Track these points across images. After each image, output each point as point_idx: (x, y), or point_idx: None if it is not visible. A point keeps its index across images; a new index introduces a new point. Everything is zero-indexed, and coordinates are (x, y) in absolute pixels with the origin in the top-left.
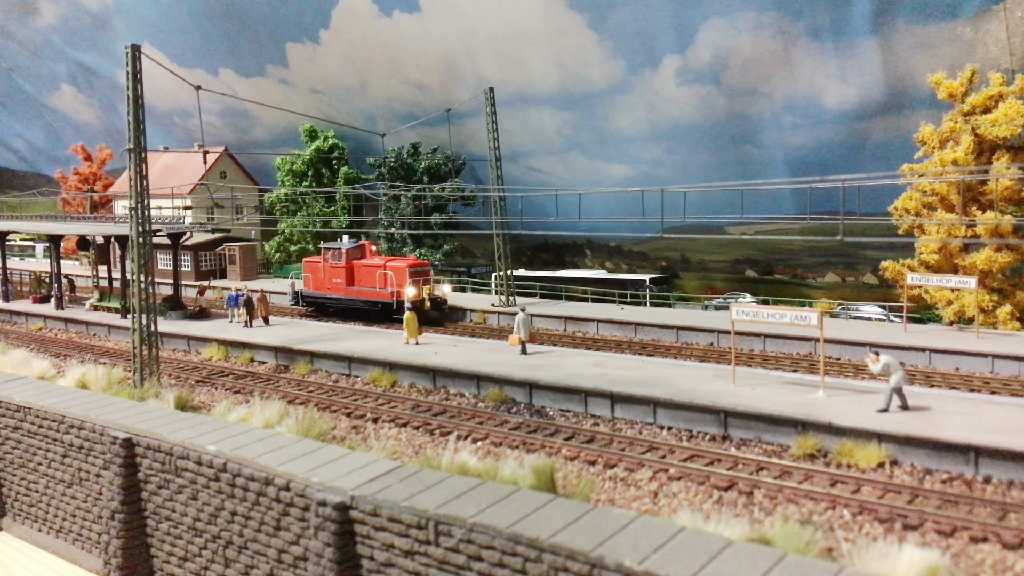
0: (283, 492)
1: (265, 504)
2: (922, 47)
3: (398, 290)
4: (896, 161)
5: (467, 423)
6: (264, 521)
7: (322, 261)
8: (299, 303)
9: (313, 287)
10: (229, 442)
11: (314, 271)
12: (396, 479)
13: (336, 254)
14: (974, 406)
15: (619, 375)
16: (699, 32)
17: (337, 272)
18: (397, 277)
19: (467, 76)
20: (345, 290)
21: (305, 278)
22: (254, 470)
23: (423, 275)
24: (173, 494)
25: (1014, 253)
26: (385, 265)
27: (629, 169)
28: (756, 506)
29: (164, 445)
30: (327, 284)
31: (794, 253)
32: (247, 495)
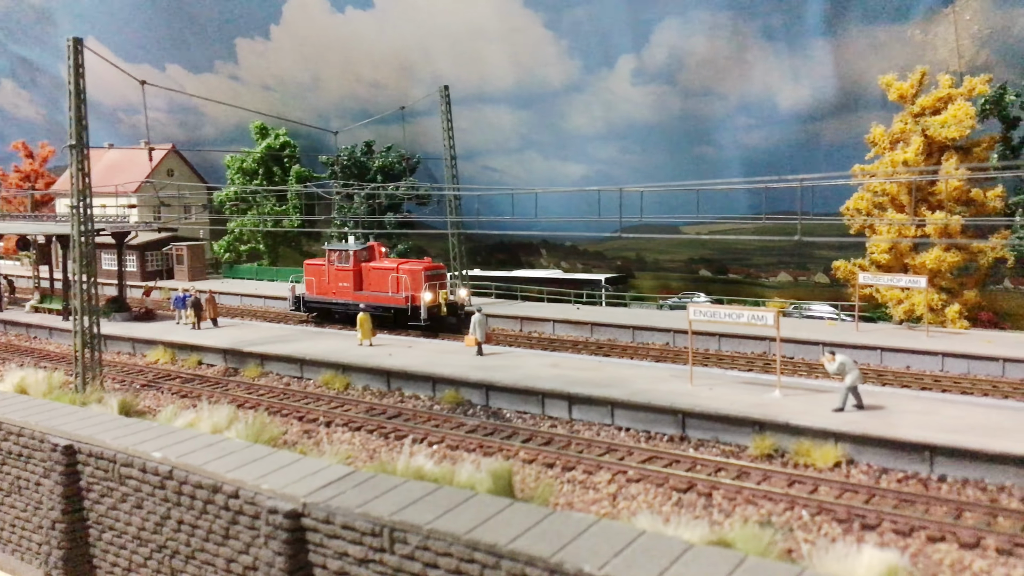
0: (232, 500)
1: (213, 512)
2: (873, 49)
3: (413, 295)
4: (848, 161)
5: (422, 426)
6: (212, 530)
7: (326, 263)
8: (300, 308)
9: (316, 291)
10: (175, 448)
11: (317, 274)
12: (350, 485)
13: (343, 256)
14: (928, 404)
15: (576, 376)
16: (654, 32)
17: (344, 275)
18: (412, 281)
19: (422, 74)
20: (353, 294)
21: (307, 282)
22: (201, 477)
23: (439, 278)
24: (117, 503)
25: (962, 253)
26: (398, 268)
27: (585, 168)
28: (715, 508)
29: (107, 452)
30: (332, 288)
31: (748, 253)
32: (194, 503)
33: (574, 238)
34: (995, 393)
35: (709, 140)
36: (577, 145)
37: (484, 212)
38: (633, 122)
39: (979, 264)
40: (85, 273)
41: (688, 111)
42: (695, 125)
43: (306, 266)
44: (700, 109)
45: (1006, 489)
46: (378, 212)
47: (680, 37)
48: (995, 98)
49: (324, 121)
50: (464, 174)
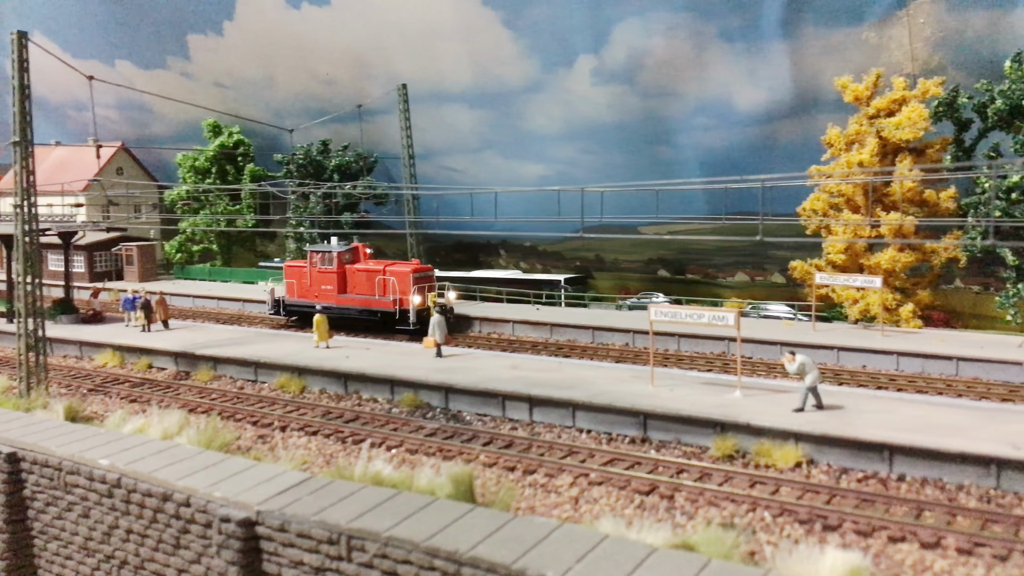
0: (183, 508)
1: (163, 521)
2: (829, 51)
3: (401, 297)
4: (804, 162)
5: (381, 430)
6: (162, 539)
7: (308, 266)
8: (279, 312)
9: (298, 295)
10: (124, 455)
11: (298, 277)
12: (306, 491)
13: (326, 258)
14: (885, 404)
15: (537, 377)
16: (613, 32)
17: (327, 278)
18: (400, 283)
19: (379, 72)
20: (337, 298)
21: (287, 284)
22: (151, 485)
23: (428, 281)
24: (63, 512)
25: (916, 253)
26: (385, 270)
27: (544, 168)
28: (678, 510)
29: (52, 460)
30: (315, 291)
31: (706, 253)
32: (143, 512)
33: (533, 238)
34: (949, 392)
35: (668, 140)
36: (536, 145)
37: (442, 212)
38: (592, 122)
39: (932, 264)
40: (29, 274)
41: (647, 111)
42: (654, 125)
43: (286, 268)
44: (659, 109)
45: (964, 488)
46: (334, 212)
47: (639, 37)
48: (948, 100)
49: (279, 119)
50: (422, 174)
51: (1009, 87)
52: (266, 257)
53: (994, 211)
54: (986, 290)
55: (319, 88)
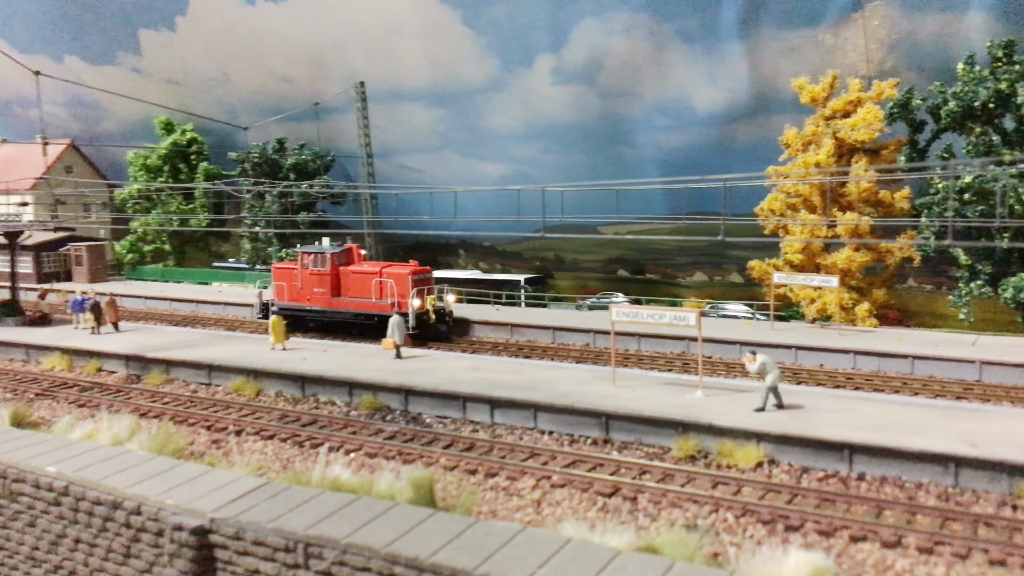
0: (133, 516)
1: (113, 530)
2: (786, 52)
3: (400, 301)
4: (762, 163)
5: (339, 433)
6: (112, 549)
7: (299, 267)
8: (267, 316)
9: (288, 298)
10: (72, 462)
11: (288, 279)
12: (261, 498)
13: (319, 259)
14: (844, 403)
15: (498, 379)
16: (573, 32)
17: (319, 280)
18: (398, 286)
19: (336, 70)
20: (330, 301)
21: (276, 287)
22: (100, 493)
23: (426, 283)
24: (8, 521)
25: (871, 252)
26: (381, 272)
27: (504, 168)
28: (641, 512)
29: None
30: (307, 294)
31: (665, 253)
32: (92, 520)
33: (492, 238)
34: (906, 390)
35: (627, 140)
36: (496, 144)
37: (401, 211)
38: (552, 122)
39: (887, 264)
40: None
41: (607, 111)
42: (613, 125)
43: (275, 270)
44: (618, 109)
45: (923, 486)
46: (291, 211)
47: (599, 37)
48: (902, 102)
49: (233, 117)
50: (380, 173)
51: (962, 89)
52: (220, 257)
53: (947, 211)
54: (938, 289)
55: (275, 85)
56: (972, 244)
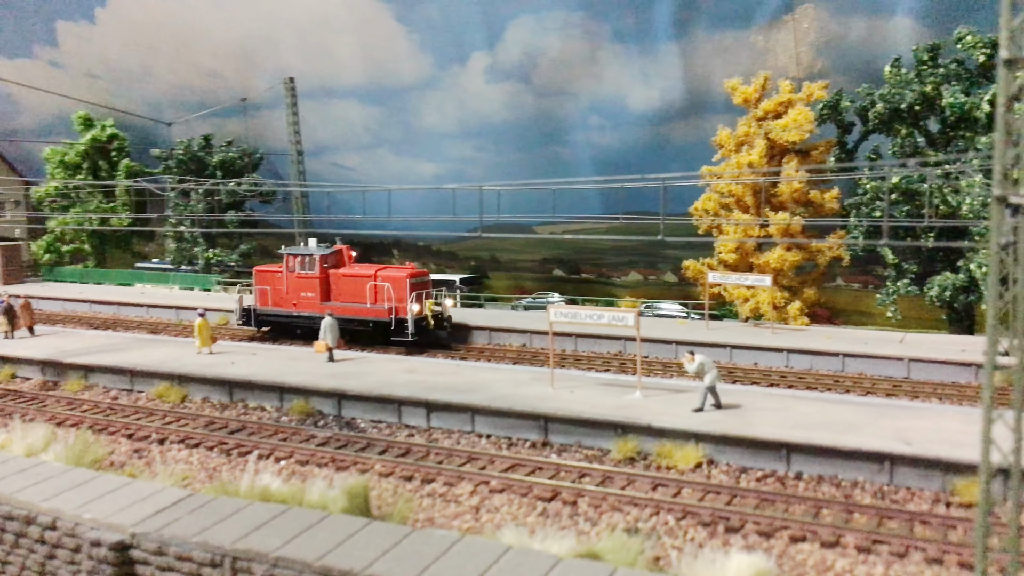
0: (48, 532)
1: (26, 547)
2: (719, 53)
3: (397, 305)
4: (696, 163)
5: (269, 440)
6: (26, 567)
7: (284, 270)
8: (249, 322)
9: (272, 303)
10: None
11: (272, 282)
12: (186, 510)
13: (306, 261)
14: (780, 402)
15: (434, 381)
16: (508, 29)
17: (307, 284)
18: (395, 289)
19: (265, 65)
20: (320, 306)
21: (259, 291)
22: (12, 507)
23: (424, 286)
24: None
25: (803, 252)
26: (376, 275)
27: (438, 167)
28: (581, 516)
29: None
30: (293, 299)
31: (600, 252)
32: (4, 537)
33: (427, 237)
34: (837, 388)
35: (562, 140)
36: (430, 143)
37: (334, 210)
38: (487, 120)
39: (817, 263)
40: None
41: (542, 110)
42: (549, 124)
43: (256, 273)
44: (553, 108)
45: (859, 484)
46: (218, 210)
47: (533, 35)
48: (831, 104)
49: (157, 112)
50: (312, 171)
51: (889, 91)
52: (144, 258)
53: (875, 211)
54: (865, 288)
55: (201, 80)
56: (899, 244)
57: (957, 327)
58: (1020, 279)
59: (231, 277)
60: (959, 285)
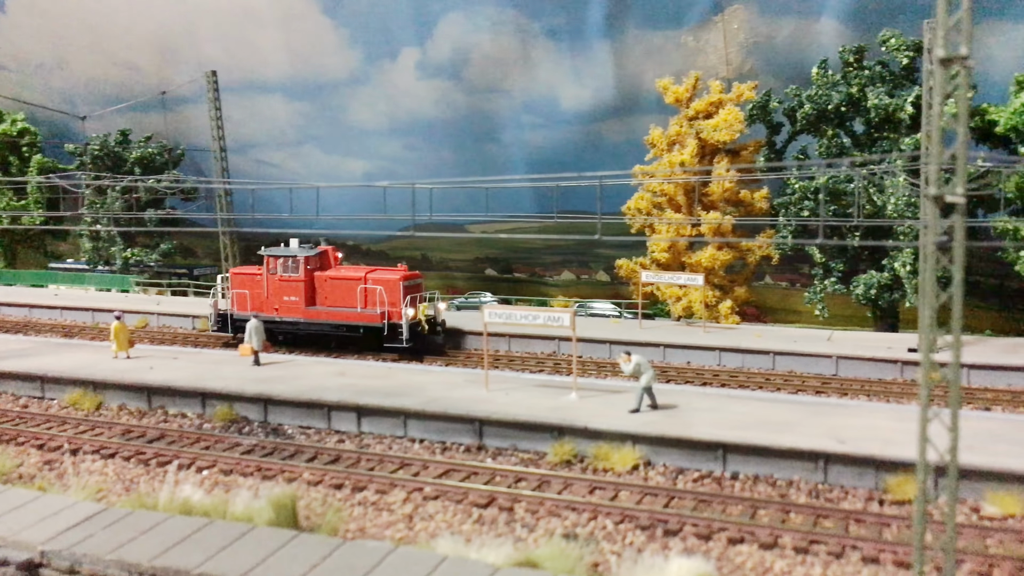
0: None
1: None
2: (650, 53)
3: (391, 310)
4: (629, 162)
5: (190, 449)
6: None
7: (264, 273)
8: (225, 328)
9: (252, 308)
10: None
11: (251, 286)
12: (100, 525)
13: (289, 263)
14: (715, 401)
15: (365, 384)
16: (438, 25)
17: (291, 287)
18: (388, 293)
19: (186, 57)
20: (304, 311)
21: (236, 296)
22: None
23: (417, 290)
24: None
25: (733, 251)
26: (366, 278)
27: (368, 164)
28: (518, 522)
29: None
30: (274, 303)
31: (533, 251)
32: None
33: (357, 237)
34: (768, 386)
35: (494, 138)
36: (359, 140)
37: (259, 208)
38: (418, 117)
39: (747, 262)
40: None
41: (473, 108)
42: (480, 123)
43: (233, 276)
44: (485, 106)
45: (794, 484)
46: (137, 208)
47: (465, 32)
48: (761, 104)
49: (70, 106)
50: (236, 168)
51: (816, 92)
52: (57, 258)
53: (803, 211)
54: (792, 286)
55: (117, 73)
56: (827, 243)
57: (882, 324)
58: (956, 279)
59: (151, 278)
60: (883, 283)
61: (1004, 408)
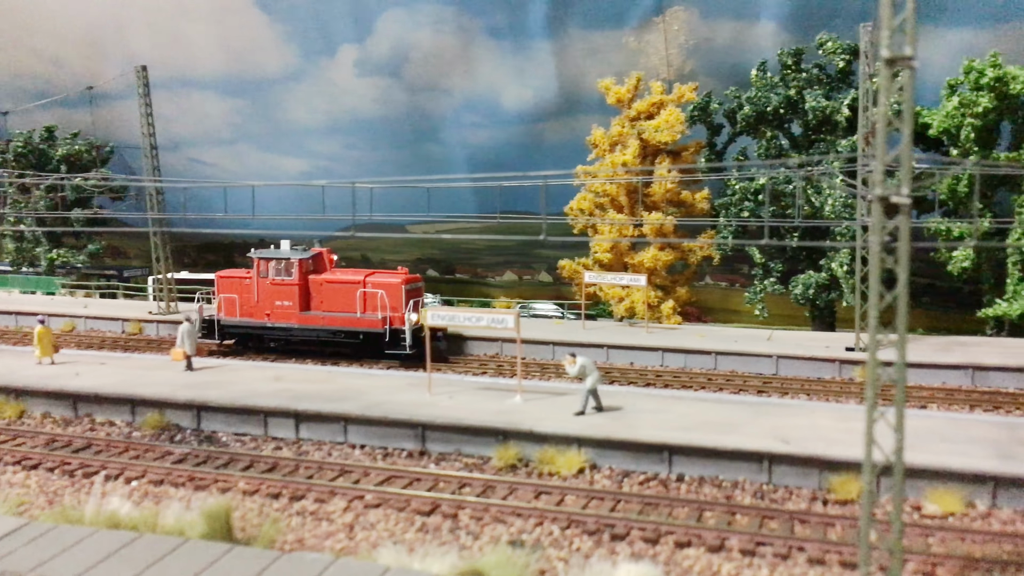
0: None
1: None
2: (592, 53)
3: (392, 315)
4: (571, 162)
5: (118, 459)
6: None
7: (254, 276)
8: (212, 335)
9: (241, 313)
10: None
11: (240, 290)
12: (22, 541)
13: (281, 266)
14: (660, 403)
15: (303, 389)
16: (378, 22)
17: (283, 291)
18: (390, 297)
19: (114, 52)
20: (299, 316)
21: (223, 300)
22: None
23: (419, 293)
24: None
25: (675, 251)
26: (365, 281)
27: (305, 163)
28: (463, 530)
29: None
30: (265, 308)
31: (475, 252)
32: None
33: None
34: (711, 386)
35: (435, 137)
36: (296, 138)
37: (192, 208)
38: (357, 116)
39: (689, 262)
40: None
41: (414, 107)
42: (421, 121)
43: (219, 280)
44: (426, 105)
45: (739, 484)
46: (63, 207)
47: (405, 29)
48: (701, 105)
49: None
50: (168, 166)
51: (755, 95)
52: None
53: (743, 212)
54: (732, 286)
55: (42, 67)
56: (767, 243)
57: (819, 324)
58: (901, 279)
59: (78, 280)
60: (821, 283)
61: (939, 406)
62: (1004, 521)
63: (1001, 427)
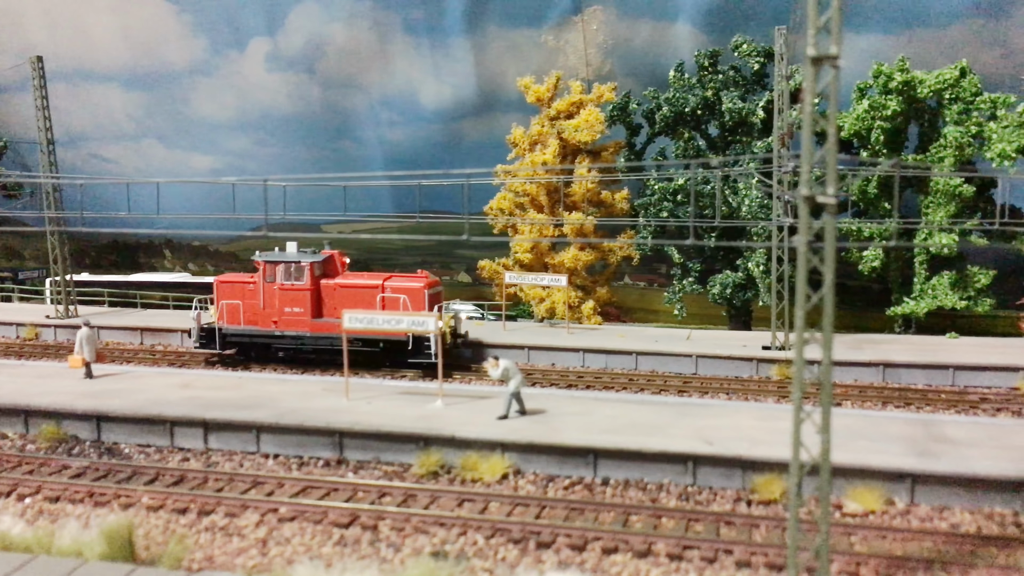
0: None
1: None
2: (511, 51)
3: None
4: (490, 161)
5: (10, 475)
6: None
7: (259, 281)
8: (212, 344)
9: (245, 321)
10: None
11: (243, 296)
12: None
13: (291, 270)
14: (584, 405)
15: (213, 397)
16: (290, 15)
17: (293, 297)
18: (413, 303)
19: (7, 42)
20: (311, 324)
21: (225, 307)
22: None
23: (439, 298)
24: None
25: (595, 251)
26: (384, 286)
27: (214, 160)
28: (383, 542)
29: None
30: (273, 315)
31: (392, 252)
32: None
33: (204, 237)
34: (632, 386)
35: (351, 134)
36: (204, 134)
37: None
38: (268, 111)
39: (609, 262)
40: None
41: (328, 103)
42: (336, 118)
43: (219, 285)
44: (341, 101)
45: (664, 487)
46: None
47: (319, 23)
48: (621, 106)
49: None
50: (66, 163)
51: (673, 95)
52: None
53: (662, 212)
54: (650, 286)
55: None
56: (686, 243)
57: (736, 323)
58: (828, 279)
59: None
60: (738, 283)
61: (853, 403)
62: (922, 518)
63: (916, 424)
